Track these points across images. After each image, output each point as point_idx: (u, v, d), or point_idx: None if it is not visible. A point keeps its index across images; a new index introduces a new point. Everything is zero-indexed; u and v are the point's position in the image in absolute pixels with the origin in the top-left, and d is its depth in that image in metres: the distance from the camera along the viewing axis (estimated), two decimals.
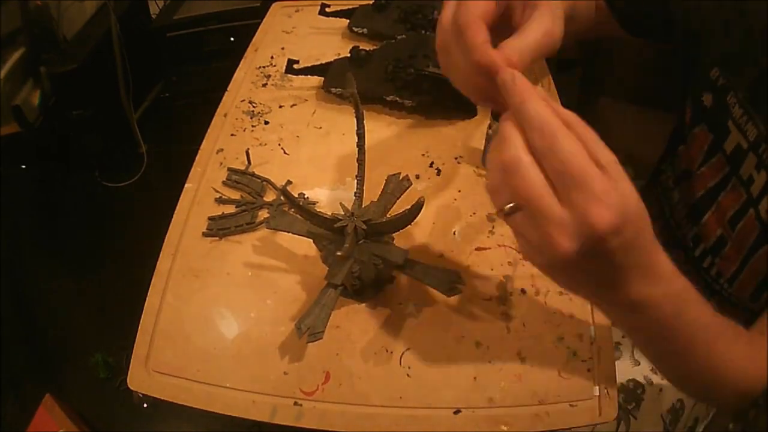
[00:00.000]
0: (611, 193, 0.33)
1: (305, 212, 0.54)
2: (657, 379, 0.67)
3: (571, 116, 0.36)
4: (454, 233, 0.65)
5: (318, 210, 0.54)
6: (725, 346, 0.47)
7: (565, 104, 0.72)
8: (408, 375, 0.54)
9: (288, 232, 0.58)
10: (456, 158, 0.75)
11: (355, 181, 0.57)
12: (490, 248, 0.64)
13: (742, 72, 0.62)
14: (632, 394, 0.66)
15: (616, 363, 0.55)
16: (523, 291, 0.60)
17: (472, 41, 0.40)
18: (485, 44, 0.40)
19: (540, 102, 0.36)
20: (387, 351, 0.55)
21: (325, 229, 0.55)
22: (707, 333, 0.45)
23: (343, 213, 0.54)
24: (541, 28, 0.42)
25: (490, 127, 0.70)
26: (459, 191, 0.71)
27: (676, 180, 0.73)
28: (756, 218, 0.60)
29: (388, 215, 0.60)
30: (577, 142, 0.34)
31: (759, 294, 0.60)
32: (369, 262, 0.54)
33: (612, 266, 0.36)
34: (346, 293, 0.58)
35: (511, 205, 0.35)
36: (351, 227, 0.53)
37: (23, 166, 1.79)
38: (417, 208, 0.49)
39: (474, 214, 0.67)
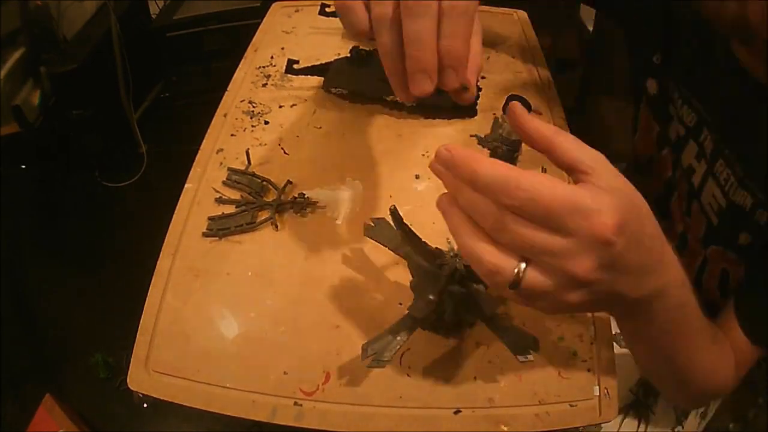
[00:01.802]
0: (602, 198, 0.32)
1: (409, 236, 0.51)
2: None
3: (550, 128, 0.36)
4: None
5: (423, 240, 0.51)
6: (705, 344, 0.48)
7: (566, 104, 0.73)
8: (408, 375, 0.54)
9: (384, 245, 0.56)
10: None
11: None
12: None
13: (677, 54, 0.60)
14: (650, 387, 0.66)
15: (633, 360, 0.55)
16: None
17: None
18: None
19: (485, 162, 0.34)
20: None
21: (424, 259, 0.52)
22: (700, 328, 0.46)
23: (447, 249, 0.51)
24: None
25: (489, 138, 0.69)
26: None
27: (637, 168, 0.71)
28: (701, 212, 0.58)
29: None
30: (538, 176, 0.32)
31: (726, 295, 0.57)
32: (457, 304, 0.51)
33: (628, 266, 0.35)
34: (422, 325, 0.55)
35: (521, 266, 0.34)
36: (449, 269, 0.49)
37: (23, 166, 1.79)
38: None
39: None
